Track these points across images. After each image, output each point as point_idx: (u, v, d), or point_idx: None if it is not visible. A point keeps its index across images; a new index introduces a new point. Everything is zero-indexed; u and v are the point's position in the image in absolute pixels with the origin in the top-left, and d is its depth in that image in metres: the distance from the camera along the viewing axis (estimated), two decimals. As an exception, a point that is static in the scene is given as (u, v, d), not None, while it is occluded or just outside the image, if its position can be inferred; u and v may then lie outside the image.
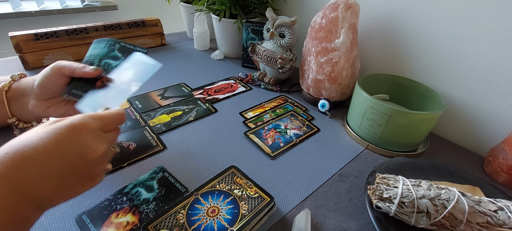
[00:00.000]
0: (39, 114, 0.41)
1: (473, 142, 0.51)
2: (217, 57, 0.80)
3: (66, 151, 0.23)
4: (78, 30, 0.69)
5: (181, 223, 0.31)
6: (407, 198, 0.30)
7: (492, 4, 0.43)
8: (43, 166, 0.22)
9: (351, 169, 0.43)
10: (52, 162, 0.22)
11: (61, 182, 0.23)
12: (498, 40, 0.43)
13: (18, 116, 0.41)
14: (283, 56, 0.61)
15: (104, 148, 0.26)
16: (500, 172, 0.42)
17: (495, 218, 0.28)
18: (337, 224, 0.34)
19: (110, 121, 0.28)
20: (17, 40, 0.60)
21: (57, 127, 0.24)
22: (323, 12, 0.52)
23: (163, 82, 0.64)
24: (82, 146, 0.24)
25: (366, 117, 0.46)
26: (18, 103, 0.39)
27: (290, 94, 0.64)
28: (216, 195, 0.35)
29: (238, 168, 0.39)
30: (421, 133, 0.45)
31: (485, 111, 0.48)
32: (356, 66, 0.57)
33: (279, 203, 0.36)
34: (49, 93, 0.39)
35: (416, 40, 0.53)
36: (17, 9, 1.28)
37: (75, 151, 0.24)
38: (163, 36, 0.85)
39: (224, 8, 0.70)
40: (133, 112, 0.51)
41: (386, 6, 0.56)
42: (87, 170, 0.25)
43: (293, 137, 0.49)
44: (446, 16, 0.48)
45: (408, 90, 0.52)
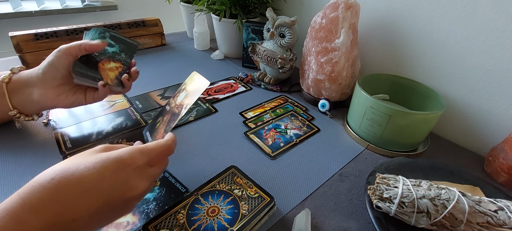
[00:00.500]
0: (46, 104, 0.41)
1: (473, 142, 0.51)
2: (217, 57, 0.80)
3: (108, 187, 0.23)
4: (78, 30, 0.69)
5: (181, 223, 0.31)
6: (407, 198, 0.30)
7: (492, 4, 0.43)
8: (84, 199, 0.22)
9: (351, 169, 0.43)
10: (92, 197, 0.22)
11: (95, 215, 0.23)
12: (498, 40, 0.43)
13: (20, 108, 0.40)
14: (283, 56, 0.61)
15: (145, 186, 0.26)
16: (500, 172, 0.42)
17: (495, 218, 0.28)
18: (337, 224, 0.34)
19: (157, 154, 0.28)
20: (17, 40, 0.61)
21: (105, 159, 0.24)
22: (323, 12, 0.52)
23: (163, 82, 0.64)
24: (125, 185, 0.24)
25: (366, 117, 0.46)
26: (20, 95, 0.39)
27: (290, 94, 0.64)
28: (216, 195, 0.35)
29: (238, 168, 0.39)
30: (421, 133, 0.45)
31: (485, 111, 0.48)
32: (356, 66, 0.57)
33: (279, 203, 0.36)
34: (58, 78, 0.39)
35: (416, 40, 0.53)
36: (17, 9, 1.28)
37: (117, 189, 0.24)
38: (163, 36, 0.85)
39: (224, 8, 0.70)
40: (133, 112, 0.51)
41: (386, 6, 0.56)
42: (123, 205, 0.25)
43: (293, 137, 0.49)
44: (446, 16, 0.48)
45: (408, 90, 0.52)
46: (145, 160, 0.26)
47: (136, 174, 0.25)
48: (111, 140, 0.44)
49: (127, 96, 0.56)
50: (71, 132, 0.45)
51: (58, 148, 0.41)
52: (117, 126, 0.47)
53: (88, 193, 0.22)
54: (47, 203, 0.21)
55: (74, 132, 0.45)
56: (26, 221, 0.20)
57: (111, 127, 0.47)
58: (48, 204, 0.21)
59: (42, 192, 0.21)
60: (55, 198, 0.21)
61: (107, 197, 0.23)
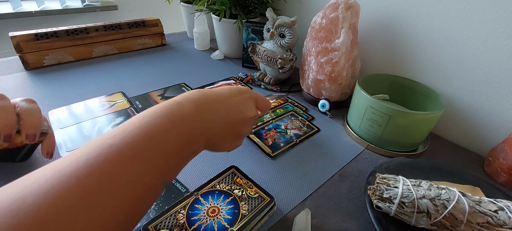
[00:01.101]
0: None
1: (473, 142, 0.51)
2: (217, 57, 0.80)
3: (235, 103, 0.30)
4: (78, 30, 0.69)
5: (181, 223, 0.31)
6: (407, 198, 0.30)
7: (492, 4, 0.43)
8: (218, 112, 0.27)
9: (351, 169, 0.43)
10: (223, 111, 0.28)
11: (225, 129, 0.28)
12: (498, 40, 0.43)
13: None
14: (283, 56, 0.61)
15: (254, 114, 0.32)
16: (501, 172, 0.42)
17: (495, 218, 0.28)
18: (337, 224, 0.34)
19: (262, 99, 0.35)
20: (17, 40, 0.61)
21: (229, 86, 0.32)
22: (323, 12, 0.52)
23: (163, 82, 0.64)
24: (244, 105, 0.31)
25: (366, 117, 0.46)
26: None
27: (290, 94, 0.64)
28: (216, 195, 0.35)
29: (238, 168, 0.39)
30: (421, 133, 0.45)
31: (485, 111, 0.48)
32: (356, 66, 0.57)
33: (279, 203, 0.36)
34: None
35: (416, 40, 0.53)
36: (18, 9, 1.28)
37: (240, 106, 0.30)
38: (163, 36, 0.85)
39: (224, 8, 0.70)
40: (133, 112, 0.51)
41: (387, 6, 0.56)
42: (240, 127, 0.30)
43: (293, 137, 0.49)
44: (446, 16, 0.48)
45: (408, 90, 0.52)
46: (254, 96, 0.33)
47: (251, 101, 0.32)
48: None
49: (127, 96, 0.56)
50: (71, 132, 0.45)
51: (58, 148, 0.41)
52: (117, 125, 0.47)
53: (222, 103, 0.28)
54: (193, 117, 0.25)
55: (74, 132, 0.45)
56: (182, 107, 0.24)
57: (111, 127, 0.47)
58: (195, 118, 0.25)
59: (189, 98, 0.26)
60: (200, 111, 0.25)
61: (234, 109, 0.29)
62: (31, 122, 0.33)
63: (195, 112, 0.25)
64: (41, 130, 0.35)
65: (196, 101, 0.26)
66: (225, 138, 0.29)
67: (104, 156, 0.18)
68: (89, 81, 0.61)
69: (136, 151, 0.20)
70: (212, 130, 0.27)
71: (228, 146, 0.31)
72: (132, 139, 0.20)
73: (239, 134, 0.31)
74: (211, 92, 0.28)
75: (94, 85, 0.60)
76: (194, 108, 0.25)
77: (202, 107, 0.26)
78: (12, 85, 0.57)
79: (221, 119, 0.28)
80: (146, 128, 0.21)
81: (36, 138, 0.34)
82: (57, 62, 0.67)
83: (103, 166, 0.18)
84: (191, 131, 0.24)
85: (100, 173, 0.18)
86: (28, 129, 0.33)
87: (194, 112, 0.25)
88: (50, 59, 0.66)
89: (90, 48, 0.71)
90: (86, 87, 0.59)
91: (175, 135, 0.23)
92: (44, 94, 0.55)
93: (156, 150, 0.21)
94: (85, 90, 0.58)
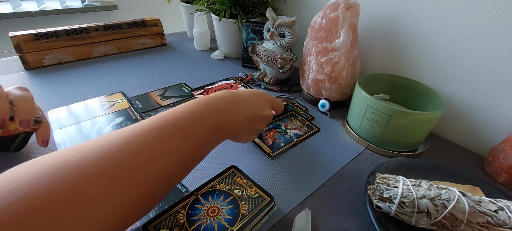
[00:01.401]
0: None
1: (473, 142, 0.51)
2: (217, 57, 0.80)
3: (255, 103, 0.36)
4: (78, 30, 0.69)
5: (181, 223, 0.31)
6: (408, 198, 0.30)
7: (492, 4, 0.43)
8: (243, 109, 0.33)
9: (351, 169, 0.43)
10: (248, 105, 0.34)
11: (247, 123, 0.34)
12: (498, 40, 0.43)
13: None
14: (283, 56, 0.61)
15: (269, 113, 0.38)
16: (501, 172, 0.42)
17: (495, 218, 0.28)
18: (337, 224, 0.34)
19: (277, 102, 0.41)
20: (17, 40, 0.61)
21: (252, 90, 0.38)
22: (323, 12, 0.52)
23: (163, 82, 0.64)
24: (263, 105, 0.37)
25: (366, 117, 0.46)
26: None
27: (290, 94, 0.64)
28: (216, 195, 0.35)
29: (238, 168, 0.39)
30: (421, 133, 0.45)
31: (485, 111, 0.48)
32: (356, 66, 0.57)
33: (279, 203, 0.36)
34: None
35: (416, 40, 0.53)
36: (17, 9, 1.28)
37: (259, 105, 0.36)
38: (163, 36, 0.85)
39: (224, 8, 0.70)
40: (133, 112, 0.51)
41: (387, 6, 0.56)
42: (258, 123, 0.36)
43: (293, 136, 0.49)
44: (446, 16, 0.48)
45: (408, 90, 0.52)
46: (270, 98, 0.39)
47: (267, 102, 0.38)
48: None
49: (127, 96, 0.56)
50: (71, 132, 0.45)
51: (57, 148, 0.41)
52: (117, 126, 0.47)
53: (246, 101, 0.34)
54: (224, 108, 0.31)
55: (74, 131, 0.45)
56: (216, 101, 0.31)
57: (111, 126, 0.47)
58: (225, 109, 0.31)
59: (221, 95, 0.32)
60: (230, 104, 0.32)
61: (254, 108, 0.35)
62: (24, 108, 0.34)
63: (226, 106, 0.31)
64: (35, 118, 0.35)
65: (226, 99, 0.32)
66: (246, 130, 0.34)
67: (164, 123, 0.25)
68: (89, 81, 0.61)
69: (185, 124, 0.26)
70: (237, 122, 0.32)
71: (246, 137, 0.37)
72: (183, 116, 0.27)
73: (256, 128, 0.37)
74: (238, 93, 0.35)
75: (94, 85, 0.60)
76: (225, 103, 0.31)
77: (231, 103, 0.32)
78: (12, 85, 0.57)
79: (245, 113, 0.33)
80: (192, 110, 0.28)
81: (30, 124, 0.34)
82: (57, 62, 0.67)
83: (162, 130, 0.25)
84: (222, 118, 0.30)
85: (159, 135, 0.24)
86: (21, 115, 0.33)
87: (225, 106, 0.31)
88: (50, 59, 0.66)
89: (90, 48, 0.71)
90: (86, 87, 0.59)
91: (210, 119, 0.29)
92: (44, 94, 0.55)
93: (197, 127, 0.27)
94: (85, 90, 0.58)
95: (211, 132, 0.29)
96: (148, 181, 0.22)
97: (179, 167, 0.26)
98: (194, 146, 0.27)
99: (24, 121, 0.33)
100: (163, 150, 0.24)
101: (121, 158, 0.21)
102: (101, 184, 0.19)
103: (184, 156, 0.26)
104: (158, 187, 0.24)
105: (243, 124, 0.33)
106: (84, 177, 0.19)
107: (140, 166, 0.22)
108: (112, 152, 0.21)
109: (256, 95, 0.37)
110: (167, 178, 0.25)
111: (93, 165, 0.20)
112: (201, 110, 0.29)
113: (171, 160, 0.24)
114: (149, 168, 0.22)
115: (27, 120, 0.34)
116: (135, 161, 0.22)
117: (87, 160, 0.20)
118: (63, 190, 0.18)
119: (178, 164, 0.25)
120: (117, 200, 0.20)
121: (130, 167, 0.21)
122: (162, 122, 0.25)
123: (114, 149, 0.21)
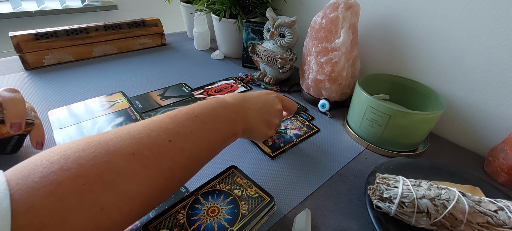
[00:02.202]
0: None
1: (473, 142, 0.51)
2: (217, 57, 0.80)
3: (266, 100, 0.38)
4: (78, 30, 0.69)
5: (181, 223, 0.31)
6: (407, 198, 0.30)
7: (492, 4, 0.43)
8: (255, 105, 0.36)
9: (351, 169, 0.43)
10: (259, 100, 0.37)
11: (260, 118, 0.36)
12: (498, 40, 0.43)
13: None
14: (283, 56, 0.61)
15: (279, 107, 0.40)
16: (500, 172, 0.42)
17: (495, 218, 0.28)
18: (337, 224, 0.34)
19: (287, 100, 0.43)
20: (17, 40, 0.61)
21: (260, 90, 0.41)
22: (323, 12, 0.52)
23: (163, 82, 0.64)
24: (273, 101, 0.39)
25: (366, 117, 0.46)
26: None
27: (290, 94, 0.64)
28: (216, 195, 0.35)
29: (238, 168, 0.39)
30: (421, 133, 0.45)
31: (485, 111, 0.48)
32: (356, 66, 0.57)
33: (279, 203, 0.36)
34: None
35: (416, 40, 0.53)
36: (17, 9, 1.28)
37: (270, 101, 0.38)
38: (163, 36, 0.85)
39: (224, 8, 0.70)
40: (133, 112, 0.51)
41: (387, 6, 0.56)
42: (271, 117, 0.38)
43: (293, 137, 0.49)
44: (446, 16, 0.48)
45: (408, 90, 0.52)
46: (280, 96, 0.41)
47: (277, 99, 0.40)
48: None
49: (127, 96, 0.56)
50: (71, 132, 0.45)
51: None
52: (117, 126, 0.47)
53: (257, 98, 0.37)
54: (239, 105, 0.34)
55: (74, 131, 0.45)
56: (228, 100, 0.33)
57: (111, 127, 0.47)
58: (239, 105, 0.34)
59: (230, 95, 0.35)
60: (242, 102, 0.35)
61: (264, 103, 0.38)
62: (14, 111, 0.34)
63: (236, 102, 0.34)
64: (27, 120, 0.35)
65: (238, 98, 0.35)
66: (260, 125, 0.36)
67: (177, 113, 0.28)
68: (89, 81, 0.61)
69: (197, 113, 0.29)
70: (249, 116, 0.35)
71: (261, 133, 0.37)
72: (195, 107, 0.30)
73: (270, 123, 0.38)
74: (249, 93, 0.37)
75: (94, 85, 0.60)
76: (234, 100, 0.34)
77: (241, 100, 0.35)
78: (12, 85, 0.57)
79: (257, 109, 0.36)
80: (203, 104, 0.31)
81: (21, 127, 0.34)
82: (57, 62, 0.67)
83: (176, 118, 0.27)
84: (235, 114, 0.33)
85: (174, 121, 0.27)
86: (11, 118, 0.33)
87: (234, 102, 0.34)
88: (50, 59, 0.66)
89: (90, 48, 0.71)
90: (86, 87, 0.59)
91: (221, 111, 0.31)
92: (44, 94, 0.55)
93: (209, 118, 0.30)
94: (85, 90, 0.58)
95: (223, 122, 0.31)
96: (166, 160, 0.24)
97: (195, 150, 0.28)
98: (208, 134, 0.29)
99: (14, 124, 0.33)
100: (178, 134, 0.26)
101: (139, 139, 0.24)
102: (124, 160, 0.22)
103: (199, 142, 0.28)
104: (176, 166, 0.25)
105: (255, 118, 0.35)
106: (109, 154, 0.21)
107: (157, 146, 0.24)
108: (132, 135, 0.24)
109: (265, 93, 0.39)
110: (185, 158, 0.26)
111: (116, 145, 0.22)
112: (212, 103, 0.31)
113: (187, 142, 0.27)
114: (166, 148, 0.25)
115: (18, 123, 0.33)
116: (153, 141, 0.24)
117: (111, 141, 0.22)
118: (89, 166, 0.20)
119: (194, 148, 0.27)
120: (139, 176, 0.22)
121: (148, 146, 0.24)
122: (175, 112, 0.28)
123: (134, 132, 0.24)
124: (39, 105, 0.51)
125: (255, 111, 0.36)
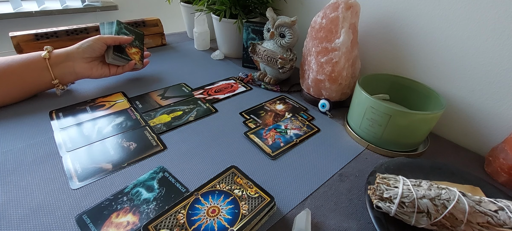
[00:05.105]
0: (82, 74, 0.54)
1: (473, 142, 0.51)
2: (217, 57, 0.80)
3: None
4: (79, 30, 0.69)
5: (181, 223, 0.31)
6: (408, 198, 0.30)
7: (493, 4, 0.43)
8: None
9: (351, 169, 0.43)
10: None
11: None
12: (498, 40, 0.43)
13: (60, 79, 0.52)
14: (283, 56, 0.61)
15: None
16: (501, 172, 0.42)
17: (495, 218, 0.28)
18: (337, 224, 0.34)
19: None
20: (17, 40, 0.61)
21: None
22: (324, 12, 0.52)
23: (163, 82, 0.64)
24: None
25: (366, 117, 0.46)
26: (61, 68, 0.52)
27: (290, 94, 0.64)
28: (216, 195, 0.35)
29: (238, 168, 0.39)
30: (421, 133, 0.45)
31: (485, 111, 0.48)
32: (357, 66, 0.57)
33: (279, 203, 0.36)
34: (93, 57, 0.55)
35: (416, 40, 0.53)
36: (18, 9, 1.28)
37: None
38: (163, 36, 0.85)
39: (224, 8, 0.70)
40: (133, 112, 0.51)
41: (387, 6, 0.56)
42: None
43: (293, 137, 0.49)
44: (446, 16, 0.48)
45: (408, 90, 0.52)
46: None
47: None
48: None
49: (127, 96, 0.56)
50: (71, 132, 0.45)
51: (58, 148, 0.41)
52: (117, 125, 0.47)
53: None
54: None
55: (74, 132, 0.45)
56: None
57: (111, 126, 0.47)
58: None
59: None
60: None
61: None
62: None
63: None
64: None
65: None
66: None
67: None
68: (89, 81, 0.61)
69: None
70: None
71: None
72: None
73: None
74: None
75: (94, 85, 0.60)
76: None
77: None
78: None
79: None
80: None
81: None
82: (57, 62, 0.67)
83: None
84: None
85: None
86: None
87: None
88: (50, 59, 0.66)
89: (90, 48, 0.71)
90: (86, 87, 0.59)
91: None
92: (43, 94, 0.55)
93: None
94: (85, 90, 0.58)
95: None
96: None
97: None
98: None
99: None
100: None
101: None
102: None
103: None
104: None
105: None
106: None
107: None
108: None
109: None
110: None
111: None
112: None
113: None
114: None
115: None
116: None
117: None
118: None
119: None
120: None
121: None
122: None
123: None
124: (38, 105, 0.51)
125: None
